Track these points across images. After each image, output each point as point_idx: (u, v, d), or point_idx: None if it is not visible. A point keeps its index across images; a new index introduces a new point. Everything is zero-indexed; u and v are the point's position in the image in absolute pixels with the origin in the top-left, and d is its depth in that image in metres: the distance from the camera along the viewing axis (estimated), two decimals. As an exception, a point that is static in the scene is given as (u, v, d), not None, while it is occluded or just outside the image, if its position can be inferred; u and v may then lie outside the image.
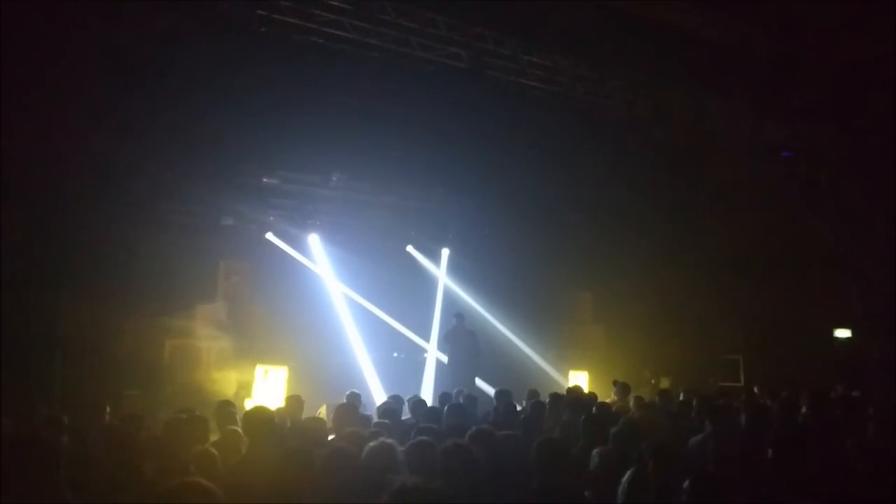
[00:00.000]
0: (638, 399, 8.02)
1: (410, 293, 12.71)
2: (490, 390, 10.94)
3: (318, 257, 12.15)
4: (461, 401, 7.31)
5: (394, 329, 12.35)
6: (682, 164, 12.81)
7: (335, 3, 9.34)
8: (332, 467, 3.54)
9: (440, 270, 13.29)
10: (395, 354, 12.52)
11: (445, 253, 13.32)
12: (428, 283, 13.24)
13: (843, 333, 13.56)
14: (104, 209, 9.35)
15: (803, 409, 6.43)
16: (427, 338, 12.71)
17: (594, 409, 6.64)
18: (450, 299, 13.07)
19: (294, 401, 7.09)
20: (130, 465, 3.71)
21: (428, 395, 11.12)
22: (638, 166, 12.48)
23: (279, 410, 6.58)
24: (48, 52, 8.16)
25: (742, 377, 12.81)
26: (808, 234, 12.94)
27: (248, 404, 10.51)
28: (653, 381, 12.68)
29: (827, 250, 12.72)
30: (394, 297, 12.37)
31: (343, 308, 12.04)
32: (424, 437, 4.09)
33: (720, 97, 12.34)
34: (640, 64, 11.34)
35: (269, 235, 11.73)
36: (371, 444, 3.72)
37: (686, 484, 3.52)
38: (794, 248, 13.01)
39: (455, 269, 13.32)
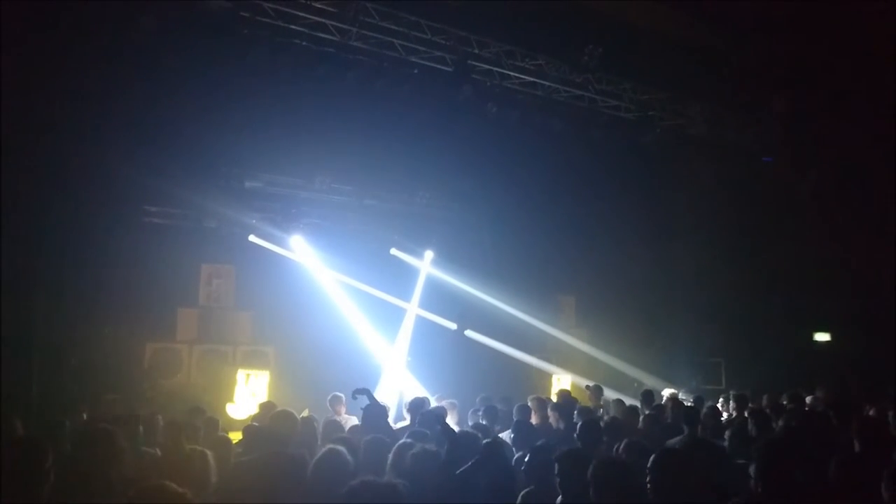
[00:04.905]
0: (618, 402, 8.09)
1: (393, 295, 12.68)
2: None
3: (301, 259, 12.09)
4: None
5: (374, 332, 12.31)
6: (665, 169, 12.90)
7: (319, 6, 9.31)
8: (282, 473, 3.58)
9: (422, 273, 13.26)
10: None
11: (429, 256, 13.31)
12: (412, 286, 13.21)
13: (822, 337, 13.71)
14: (84, 211, 9.26)
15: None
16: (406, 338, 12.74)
17: (575, 413, 6.69)
18: (430, 301, 13.06)
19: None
20: (107, 467, 3.68)
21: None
22: (621, 170, 12.56)
23: (253, 417, 6.56)
24: (30, 52, 8.07)
25: (724, 380, 12.92)
26: (789, 238, 13.07)
27: (230, 409, 10.48)
28: (635, 385, 12.73)
29: (808, 255, 12.85)
30: (376, 300, 12.32)
31: (327, 311, 11.97)
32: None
33: (703, 101, 12.45)
34: (624, 68, 11.42)
35: (253, 238, 11.65)
36: (323, 449, 3.74)
37: (651, 460, 3.60)
38: (774, 253, 13.13)
39: (437, 271, 13.30)
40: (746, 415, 7.14)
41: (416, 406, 6.97)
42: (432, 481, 3.81)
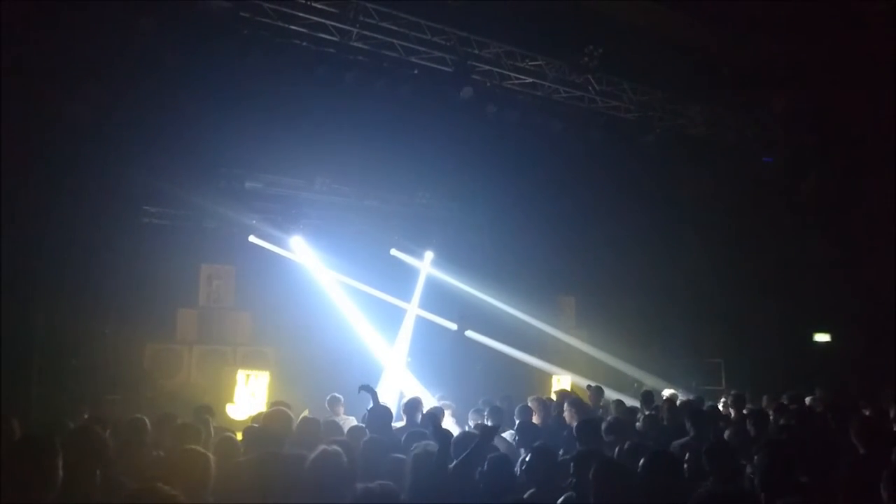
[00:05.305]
0: (619, 402, 8.09)
1: (393, 295, 12.68)
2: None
3: (301, 259, 12.08)
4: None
5: (374, 333, 12.30)
6: (665, 169, 12.89)
7: (319, 6, 9.31)
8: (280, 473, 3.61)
9: (422, 274, 13.26)
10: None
11: (429, 256, 13.31)
12: (412, 286, 13.21)
13: (822, 338, 13.70)
14: (84, 211, 9.25)
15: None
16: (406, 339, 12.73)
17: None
18: (430, 301, 13.05)
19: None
20: (92, 467, 3.67)
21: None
22: (620, 171, 12.55)
23: (260, 415, 6.54)
24: (30, 52, 8.06)
25: (723, 381, 12.90)
26: (789, 238, 13.07)
27: (230, 409, 10.46)
28: (635, 385, 12.73)
29: (808, 255, 12.85)
30: (376, 300, 12.31)
31: (326, 312, 11.97)
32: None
33: (703, 102, 12.45)
34: (624, 69, 11.42)
35: (253, 238, 11.64)
36: (317, 451, 3.75)
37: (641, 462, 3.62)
38: (774, 253, 13.13)
39: (437, 272, 13.30)
40: (745, 413, 7.15)
41: (412, 407, 6.96)
42: (434, 480, 3.83)
